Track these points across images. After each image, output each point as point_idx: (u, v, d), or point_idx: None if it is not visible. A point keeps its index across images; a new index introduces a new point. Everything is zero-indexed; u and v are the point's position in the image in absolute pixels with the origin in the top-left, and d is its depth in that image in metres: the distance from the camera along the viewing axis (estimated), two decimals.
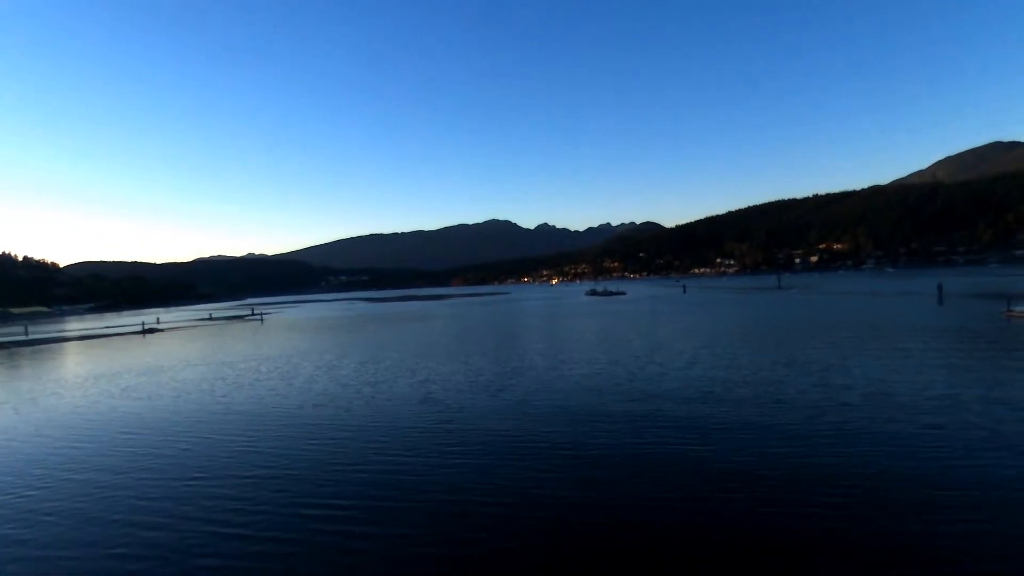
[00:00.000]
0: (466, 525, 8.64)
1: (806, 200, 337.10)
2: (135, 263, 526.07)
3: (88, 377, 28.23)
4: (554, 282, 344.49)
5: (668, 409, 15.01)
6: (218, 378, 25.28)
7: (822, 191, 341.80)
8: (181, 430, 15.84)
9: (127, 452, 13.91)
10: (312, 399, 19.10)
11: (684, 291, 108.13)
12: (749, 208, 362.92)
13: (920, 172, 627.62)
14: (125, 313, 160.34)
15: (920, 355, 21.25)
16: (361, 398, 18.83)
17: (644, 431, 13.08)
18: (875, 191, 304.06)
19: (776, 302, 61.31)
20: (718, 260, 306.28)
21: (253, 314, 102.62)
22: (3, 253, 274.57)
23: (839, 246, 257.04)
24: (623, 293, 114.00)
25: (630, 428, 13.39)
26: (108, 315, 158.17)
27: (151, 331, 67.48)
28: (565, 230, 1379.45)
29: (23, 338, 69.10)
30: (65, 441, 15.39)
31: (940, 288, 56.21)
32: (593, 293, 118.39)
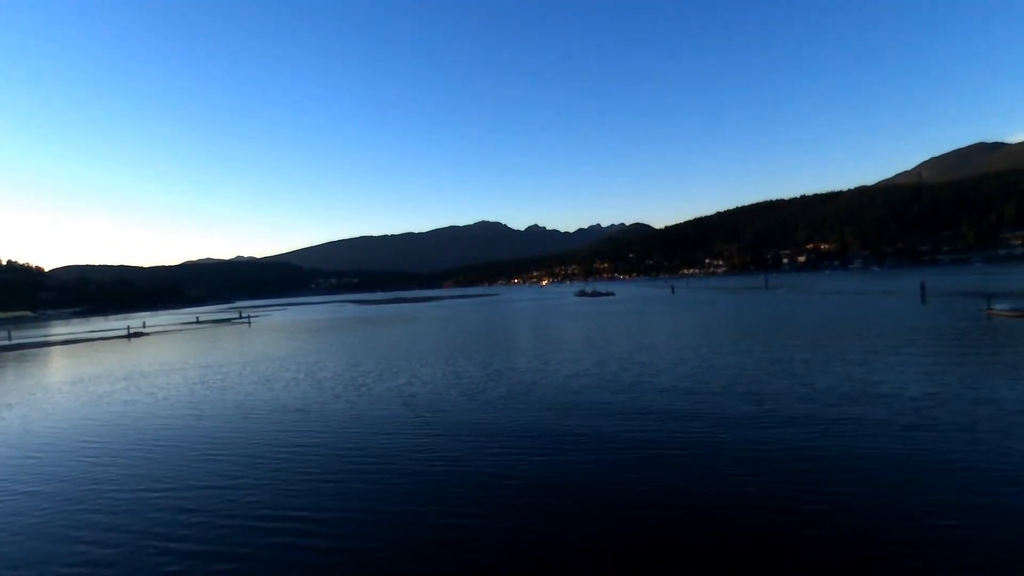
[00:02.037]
0: (435, 538, 8.40)
1: (794, 201, 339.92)
2: (122, 266, 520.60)
3: (66, 383, 27.87)
4: (544, 283, 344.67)
5: (649, 412, 15.01)
6: (197, 383, 25.05)
7: (809, 192, 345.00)
8: (149, 438, 15.54)
9: (89, 462, 13.56)
10: (289, 404, 18.90)
11: (672, 292, 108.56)
12: (737, 209, 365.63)
13: (906, 172, 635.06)
14: (111, 317, 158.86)
15: (902, 354, 21.43)
16: (339, 402, 18.68)
17: (623, 437, 12.97)
18: (862, 191, 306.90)
19: (763, 302, 61.64)
20: (707, 261, 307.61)
21: (241, 317, 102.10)
22: None
23: (826, 246, 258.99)
24: (612, 294, 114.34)
25: (608, 435, 13.23)
26: (94, 319, 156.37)
27: (136, 335, 66.93)
28: (555, 231, 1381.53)
29: (6, 343, 68.26)
30: (27, 451, 14.99)
31: (923, 287, 56.84)
32: (582, 294, 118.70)
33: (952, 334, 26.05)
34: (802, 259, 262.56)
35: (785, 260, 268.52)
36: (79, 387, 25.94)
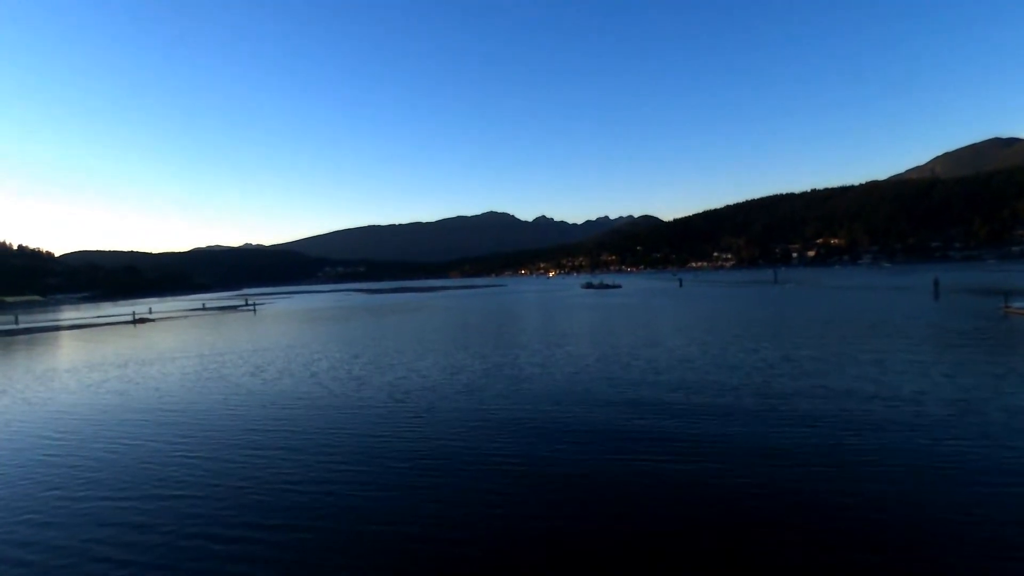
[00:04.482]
0: (404, 563, 7.49)
1: (803, 195, 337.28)
2: (131, 253, 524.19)
3: (61, 370, 27.46)
4: (551, 275, 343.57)
5: (651, 415, 14.23)
6: (190, 372, 24.53)
7: (820, 186, 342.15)
8: (123, 435, 14.68)
9: (51, 462, 12.65)
10: (279, 399, 18.18)
11: (680, 285, 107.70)
12: (746, 202, 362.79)
13: (919, 168, 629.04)
14: (120, 302, 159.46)
15: (920, 353, 20.56)
16: (329, 397, 17.98)
17: (623, 442, 12.17)
18: (872, 186, 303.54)
19: (772, 297, 60.69)
20: (715, 254, 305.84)
21: (246, 304, 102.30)
22: None
23: (836, 241, 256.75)
24: (619, 286, 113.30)
25: (607, 440, 12.38)
26: (103, 304, 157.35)
27: (142, 321, 66.96)
28: (563, 223, 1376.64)
29: (13, 327, 68.50)
30: None
31: (936, 283, 55.79)
32: (589, 286, 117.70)
33: (971, 333, 25.10)
34: (811, 253, 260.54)
35: (794, 254, 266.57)
36: (71, 375, 25.47)
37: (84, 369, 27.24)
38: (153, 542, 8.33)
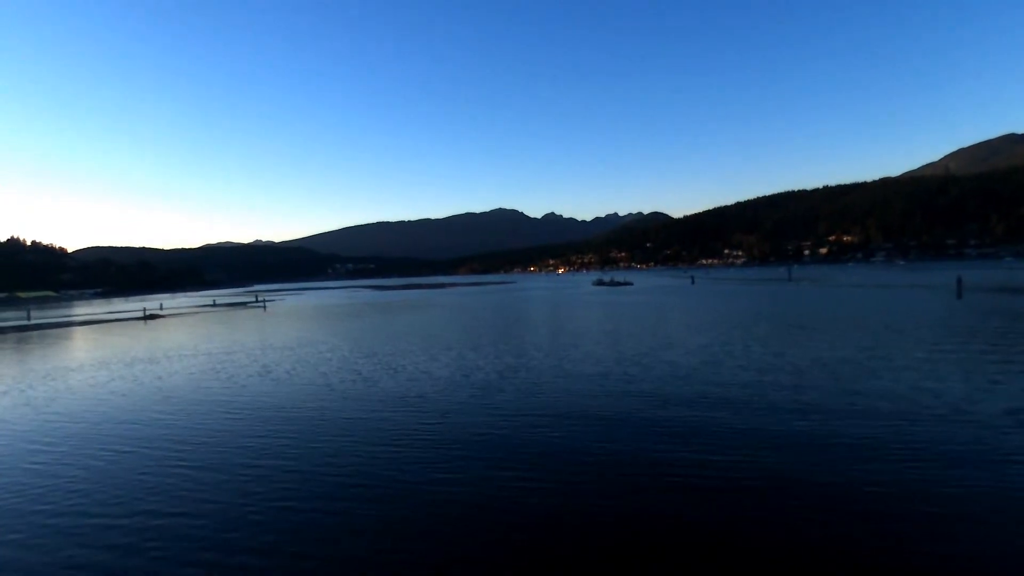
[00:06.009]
0: None
1: (815, 191, 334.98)
2: (143, 249, 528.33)
3: (66, 368, 26.93)
4: (561, 272, 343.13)
5: (680, 427, 13.38)
6: (196, 372, 23.92)
7: (832, 182, 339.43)
8: (113, 443, 13.76)
9: (31, 471, 11.69)
10: (284, 403, 17.40)
11: (692, 282, 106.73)
12: (757, 199, 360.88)
13: (932, 164, 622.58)
14: (132, 298, 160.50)
15: (954, 356, 19.50)
16: (338, 402, 17.17)
17: (650, 466, 11.24)
18: (886, 183, 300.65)
19: (789, 295, 59.46)
20: (726, 251, 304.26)
21: (256, 301, 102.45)
22: (11, 238, 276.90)
23: (849, 238, 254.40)
24: (630, 283, 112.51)
25: (629, 466, 11.40)
26: (115, 300, 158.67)
27: (152, 317, 66.97)
28: (572, 220, 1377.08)
29: (25, 322, 68.83)
30: None
31: (959, 282, 54.45)
32: (600, 283, 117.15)
33: (1002, 334, 23.96)
34: (824, 251, 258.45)
35: (806, 252, 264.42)
36: (77, 374, 24.94)
37: (90, 367, 26.77)
38: (142, 567, 7.49)
